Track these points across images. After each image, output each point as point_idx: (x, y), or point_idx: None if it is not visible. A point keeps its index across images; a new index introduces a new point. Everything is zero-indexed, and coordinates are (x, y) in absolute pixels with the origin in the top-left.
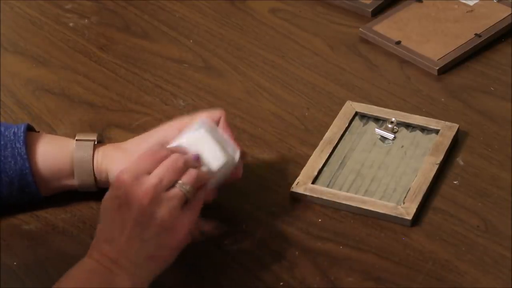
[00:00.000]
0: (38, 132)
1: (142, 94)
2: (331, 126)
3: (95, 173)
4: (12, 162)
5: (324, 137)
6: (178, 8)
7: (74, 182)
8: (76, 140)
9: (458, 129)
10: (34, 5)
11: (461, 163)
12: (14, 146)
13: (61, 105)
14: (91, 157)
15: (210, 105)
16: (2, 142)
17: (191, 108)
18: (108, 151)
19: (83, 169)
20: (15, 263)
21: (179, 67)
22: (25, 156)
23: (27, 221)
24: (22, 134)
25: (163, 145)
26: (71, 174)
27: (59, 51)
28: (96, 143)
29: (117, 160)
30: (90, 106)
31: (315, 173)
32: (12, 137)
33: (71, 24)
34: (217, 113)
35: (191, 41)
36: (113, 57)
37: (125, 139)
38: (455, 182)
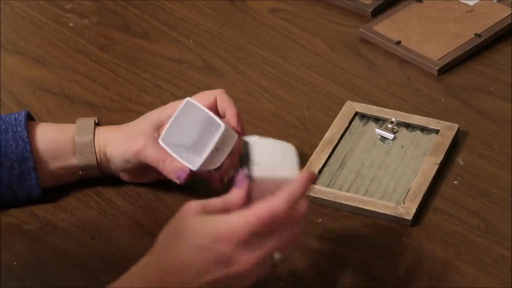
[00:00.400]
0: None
1: (142, 94)
2: (331, 126)
3: (95, 146)
4: (14, 145)
5: (324, 137)
6: (178, 8)
7: (75, 161)
8: (77, 120)
9: (458, 129)
10: (34, 5)
11: (461, 163)
12: (15, 130)
13: (61, 105)
14: (93, 133)
15: None
16: (3, 127)
17: None
18: (104, 131)
19: (85, 146)
20: (15, 263)
21: (179, 67)
22: (26, 139)
23: (27, 221)
24: (23, 118)
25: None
26: (72, 152)
27: (59, 51)
28: (96, 120)
29: (113, 139)
30: (90, 106)
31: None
32: (13, 121)
33: (71, 24)
34: (214, 92)
35: (191, 41)
36: (113, 57)
37: None
38: (455, 182)
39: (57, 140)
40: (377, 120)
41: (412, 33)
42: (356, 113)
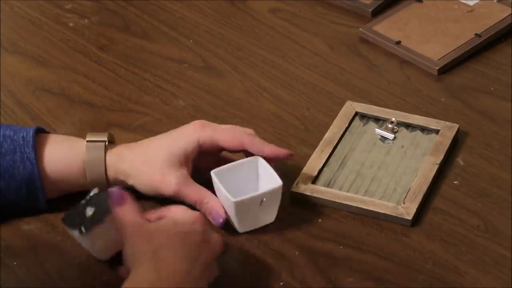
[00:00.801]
0: (48, 133)
1: (142, 94)
2: (331, 126)
3: (108, 174)
4: (21, 167)
5: (324, 137)
6: (178, 8)
7: (84, 182)
8: (87, 141)
9: (458, 129)
10: (34, 5)
11: (461, 163)
12: (23, 150)
13: (61, 105)
14: (103, 158)
15: (210, 105)
16: (11, 147)
17: (191, 108)
18: (125, 154)
19: (95, 171)
20: (15, 263)
21: (179, 67)
22: (34, 161)
23: (27, 221)
24: (31, 139)
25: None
26: (82, 176)
27: (59, 51)
28: (107, 143)
29: (135, 172)
30: (90, 106)
31: (315, 173)
32: (21, 141)
33: (71, 24)
34: (242, 133)
35: (191, 41)
36: (113, 57)
37: (125, 139)
38: (455, 182)
39: (66, 162)
40: (377, 120)
41: (412, 33)
42: (356, 113)
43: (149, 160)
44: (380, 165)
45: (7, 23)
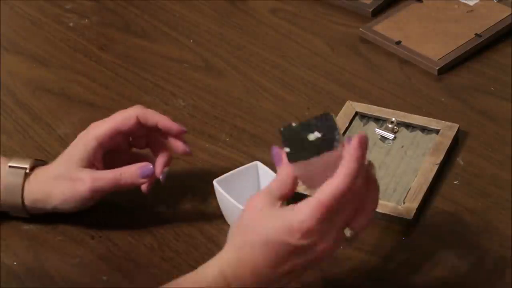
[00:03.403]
0: None
1: (142, 94)
2: None
3: (26, 201)
4: None
5: None
6: (178, 8)
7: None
8: (9, 166)
9: (458, 129)
10: (34, 5)
11: (461, 163)
12: None
13: (61, 105)
14: (21, 186)
15: (210, 105)
16: None
17: (191, 108)
18: (40, 180)
19: (11, 198)
20: (15, 263)
21: (179, 67)
22: None
23: (27, 221)
24: None
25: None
26: None
27: (59, 51)
28: (28, 170)
29: (53, 191)
30: (90, 106)
31: None
32: None
33: (71, 24)
34: (131, 111)
35: (191, 41)
36: (113, 57)
37: None
38: (455, 182)
39: None
40: (377, 120)
41: (412, 33)
42: (356, 113)
43: (60, 177)
44: (380, 165)
45: (7, 23)
